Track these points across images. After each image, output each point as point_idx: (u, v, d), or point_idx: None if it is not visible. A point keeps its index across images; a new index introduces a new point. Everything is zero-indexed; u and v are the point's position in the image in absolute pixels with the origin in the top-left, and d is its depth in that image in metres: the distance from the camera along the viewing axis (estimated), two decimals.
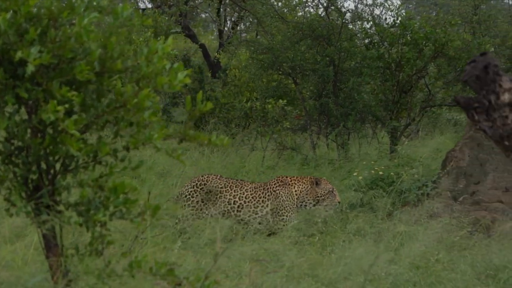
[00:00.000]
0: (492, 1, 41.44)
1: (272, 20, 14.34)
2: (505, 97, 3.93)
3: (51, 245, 4.15)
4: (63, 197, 4.13)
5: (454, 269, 5.94)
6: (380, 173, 9.45)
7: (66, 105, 3.89)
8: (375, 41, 13.23)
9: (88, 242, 4.14)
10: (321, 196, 8.85)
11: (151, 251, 5.54)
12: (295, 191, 8.89)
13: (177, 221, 8.26)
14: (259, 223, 8.71)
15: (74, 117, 3.91)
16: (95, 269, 4.07)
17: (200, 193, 8.66)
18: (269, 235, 8.37)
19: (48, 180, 4.12)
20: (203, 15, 30.49)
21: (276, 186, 8.87)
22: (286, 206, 8.71)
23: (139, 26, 19.14)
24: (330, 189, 8.89)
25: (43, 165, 4.12)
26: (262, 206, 8.75)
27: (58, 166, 4.15)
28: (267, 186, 8.94)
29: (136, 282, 4.04)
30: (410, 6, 48.63)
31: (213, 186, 8.74)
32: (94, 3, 4.21)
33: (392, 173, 9.35)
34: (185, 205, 8.58)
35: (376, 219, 7.83)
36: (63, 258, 4.10)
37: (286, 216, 8.64)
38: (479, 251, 6.67)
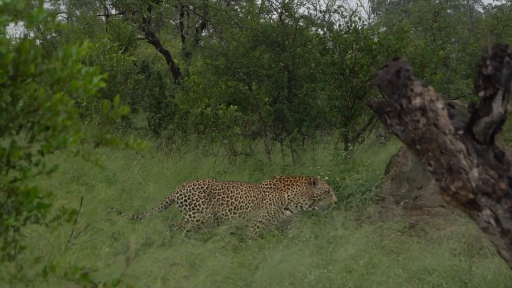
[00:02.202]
0: (461, 9, 41.94)
1: (227, 26, 14.36)
2: (417, 101, 3.97)
3: None
4: None
5: (386, 272, 5.98)
6: (326, 178, 9.51)
7: None
8: (329, 47, 13.32)
9: (0, 247, 4.10)
10: (317, 196, 8.82)
11: (78, 255, 5.51)
12: (288, 196, 8.86)
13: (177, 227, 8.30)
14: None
15: None
16: (7, 274, 4.03)
17: (202, 197, 8.67)
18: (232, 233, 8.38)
19: None
20: (173, 22, 30.47)
21: (267, 189, 8.86)
22: (270, 211, 8.68)
23: (101, 32, 19.12)
24: (327, 189, 8.86)
25: None
26: (252, 207, 8.74)
27: None
28: (259, 186, 8.94)
29: (50, 287, 4.01)
30: (380, 13, 49.05)
31: (211, 189, 8.74)
32: (10, 7, 4.18)
33: (337, 178, 9.41)
34: (188, 210, 8.56)
35: (318, 224, 7.88)
36: None
37: (266, 219, 8.62)
38: (414, 254, 6.73)
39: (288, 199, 8.81)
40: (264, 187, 8.87)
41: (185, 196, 8.74)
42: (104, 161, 11.12)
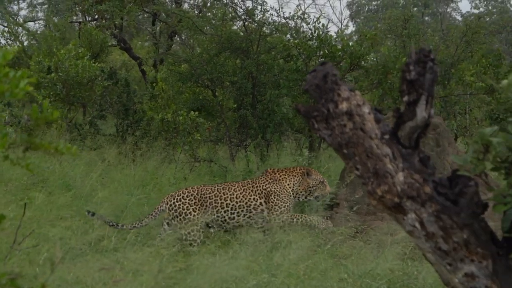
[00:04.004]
0: (440, 16, 42.25)
1: (191, 32, 14.39)
2: (343, 105, 3.99)
3: None
4: None
5: (331, 277, 6.00)
6: None
7: None
8: (293, 54, 13.37)
9: None
10: (312, 187, 8.83)
11: (18, 261, 5.47)
12: (288, 184, 8.84)
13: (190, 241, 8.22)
14: (255, 222, 8.64)
15: None
16: None
17: (194, 206, 8.56)
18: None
19: None
20: (149, 29, 30.36)
21: (266, 184, 8.79)
22: (283, 198, 8.62)
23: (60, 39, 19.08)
24: (321, 180, 8.88)
25: None
26: (255, 204, 8.67)
27: None
28: (255, 183, 8.86)
29: None
30: (358, 20, 49.31)
31: (202, 195, 8.64)
32: None
33: None
34: (182, 222, 8.44)
35: (270, 229, 7.89)
36: None
37: (284, 207, 8.57)
38: (361, 259, 6.76)
39: (289, 186, 8.83)
40: (262, 183, 8.79)
41: (176, 206, 8.62)
42: (65, 167, 11.09)
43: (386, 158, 3.93)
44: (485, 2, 48.38)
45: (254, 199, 8.71)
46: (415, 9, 43.52)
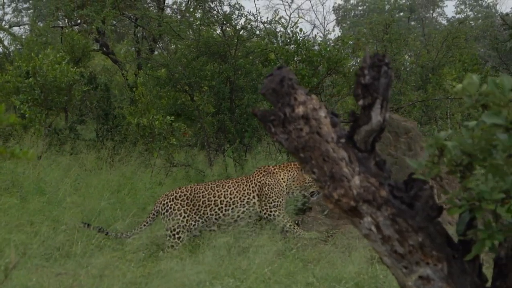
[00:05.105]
0: (426, 21, 42.40)
1: (169, 36, 14.37)
2: (300, 109, 3.99)
3: None
4: None
5: (299, 281, 6.00)
6: None
7: None
8: (271, 58, 13.37)
9: None
10: (308, 183, 8.75)
11: None
12: (282, 178, 8.76)
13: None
14: (249, 217, 8.58)
15: None
16: None
17: (186, 206, 8.51)
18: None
19: None
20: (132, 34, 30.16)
21: (261, 177, 8.70)
22: (276, 192, 8.54)
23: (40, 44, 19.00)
24: None
25: None
26: (249, 199, 8.60)
27: None
28: (249, 178, 8.79)
29: None
30: (345, 25, 49.38)
31: (195, 194, 8.58)
32: None
33: None
34: (170, 222, 8.38)
35: (242, 234, 7.88)
36: None
37: (278, 203, 8.49)
38: (330, 263, 6.76)
39: (283, 181, 8.76)
40: (256, 176, 8.74)
41: (167, 206, 8.59)
42: (41, 173, 11.02)
43: (342, 162, 3.93)
44: (470, 8, 48.62)
45: (247, 193, 8.67)
46: (401, 13, 43.66)
